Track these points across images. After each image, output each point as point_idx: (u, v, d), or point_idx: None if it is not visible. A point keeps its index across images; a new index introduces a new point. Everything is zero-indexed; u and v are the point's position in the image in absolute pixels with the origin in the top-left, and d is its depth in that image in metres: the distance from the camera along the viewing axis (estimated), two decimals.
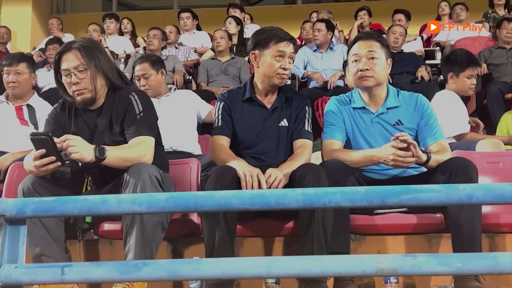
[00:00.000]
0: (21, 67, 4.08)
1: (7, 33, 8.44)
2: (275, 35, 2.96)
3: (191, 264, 1.67)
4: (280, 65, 2.94)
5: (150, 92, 4.15)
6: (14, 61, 4.10)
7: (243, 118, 3.02)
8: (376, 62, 2.96)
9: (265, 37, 2.97)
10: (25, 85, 4.11)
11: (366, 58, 2.96)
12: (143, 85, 4.21)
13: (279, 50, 2.94)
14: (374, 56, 2.96)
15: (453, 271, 1.62)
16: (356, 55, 3.00)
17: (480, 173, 2.79)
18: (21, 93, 4.10)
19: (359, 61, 2.98)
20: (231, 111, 3.03)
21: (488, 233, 2.98)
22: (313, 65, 6.33)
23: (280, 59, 2.95)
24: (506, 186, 1.66)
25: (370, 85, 2.98)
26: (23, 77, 4.09)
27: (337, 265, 1.63)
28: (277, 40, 2.95)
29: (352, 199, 1.70)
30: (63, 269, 1.63)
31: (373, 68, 2.96)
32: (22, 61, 4.13)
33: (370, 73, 2.96)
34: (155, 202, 1.70)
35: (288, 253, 3.00)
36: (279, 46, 2.94)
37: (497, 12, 7.88)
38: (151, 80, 4.21)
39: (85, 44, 2.82)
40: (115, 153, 2.63)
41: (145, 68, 4.23)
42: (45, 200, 1.75)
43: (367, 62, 2.96)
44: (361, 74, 2.97)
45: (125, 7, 11.63)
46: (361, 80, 2.99)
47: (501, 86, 5.66)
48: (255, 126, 3.01)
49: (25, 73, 4.09)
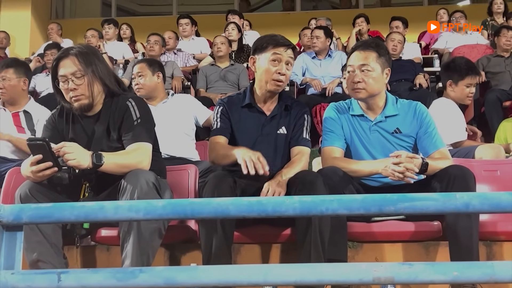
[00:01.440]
0: (7, 73, 4.09)
1: (6, 38, 8.45)
2: (273, 40, 2.98)
3: (187, 271, 1.67)
4: (276, 70, 2.94)
5: (142, 92, 4.16)
6: (0, 67, 4.12)
7: (241, 123, 3.03)
8: (369, 74, 2.96)
9: (263, 42, 3.00)
10: (12, 91, 4.10)
11: (359, 70, 2.97)
12: (136, 83, 4.22)
13: (275, 53, 2.94)
14: (367, 69, 2.96)
15: (450, 280, 1.62)
16: (351, 66, 3.00)
17: (478, 181, 2.79)
18: (10, 99, 4.10)
19: (353, 72, 2.98)
20: (230, 116, 3.03)
21: (485, 241, 2.98)
22: (311, 72, 6.35)
23: (276, 63, 2.95)
24: (503, 195, 1.66)
25: (362, 97, 2.99)
26: (10, 83, 4.08)
27: (334, 273, 1.63)
28: (274, 45, 2.96)
29: (349, 207, 1.70)
30: (59, 275, 1.62)
31: (366, 80, 2.95)
32: (9, 67, 4.13)
33: (361, 85, 2.96)
34: (152, 209, 1.70)
35: (285, 260, 3.00)
36: (275, 50, 2.95)
37: (496, 20, 7.91)
38: (145, 80, 4.21)
39: (83, 51, 2.83)
40: (113, 159, 2.64)
41: (142, 67, 4.24)
42: (42, 206, 1.75)
43: (360, 74, 2.96)
44: (353, 85, 2.98)
45: (124, 13, 11.66)
46: (353, 92, 3.00)
47: (499, 94, 5.67)
48: (253, 133, 3.01)
49: (12, 78, 4.09)
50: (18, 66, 4.20)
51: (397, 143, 2.99)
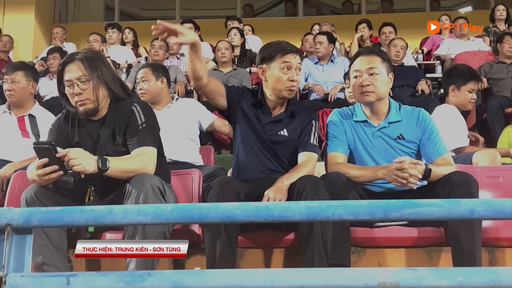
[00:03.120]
0: (17, 75, 4.10)
1: (10, 42, 8.48)
2: (280, 48, 3.00)
3: (194, 275, 1.68)
4: (288, 77, 2.97)
5: (146, 96, 4.18)
6: (10, 70, 4.14)
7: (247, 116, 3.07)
8: (377, 78, 2.99)
9: (271, 51, 3.01)
10: (21, 94, 4.11)
11: (367, 74, 2.99)
12: (140, 88, 4.24)
13: (285, 62, 2.97)
14: (375, 72, 2.99)
15: (455, 286, 1.63)
16: (357, 71, 3.03)
17: (481, 187, 2.79)
18: (18, 102, 4.11)
19: (360, 76, 3.01)
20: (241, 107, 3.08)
21: (488, 247, 2.99)
22: (314, 77, 6.36)
23: (287, 71, 2.98)
24: (507, 201, 1.67)
25: (372, 100, 3.01)
26: (19, 85, 4.09)
27: (340, 278, 1.64)
28: (282, 53, 2.98)
29: (355, 213, 1.72)
30: (68, 278, 1.64)
31: (374, 83, 2.98)
32: (19, 70, 4.14)
33: (371, 88, 2.98)
34: (161, 213, 1.72)
35: (288, 264, 3.01)
36: (285, 58, 2.97)
37: (498, 27, 7.93)
38: (149, 85, 4.23)
39: (88, 56, 2.85)
40: (118, 164, 2.65)
41: (146, 72, 4.27)
42: (51, 210, 1.76)
43: (368, 78, 2.99)
44: (362, 89, 3.00)
45: (127, 17, 11.69)
46: (362, 96, 3.02)
47: (501, 100, 5.68)
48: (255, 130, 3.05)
49: (21, 81, 4.10)
50: (28, 70, 4.22)
51: (400, 149, 3.01)
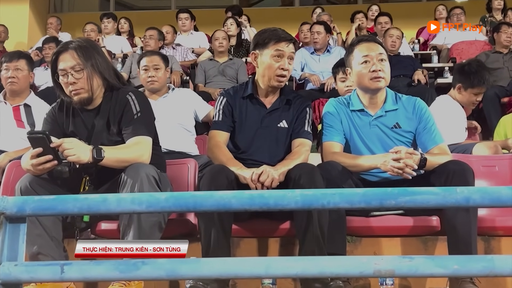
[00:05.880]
0: (20, 63, 4.11)
1: (4, 32, 8.44)
2: (274, 35, 2.98)
3: (189, 263, 1.68)
4: (279, 65, 2.95)
5: (157, 84, 4.17)
6: (14, 57, 4.14)
7: (241, 115, 3.03)
8: (385, 64, 2.98)
9: (264, 37, 2.99)
10: (23, 82, 4.12)
11: (377, 60, 2.96)
12: (152, 75, 4.18)
13: (278, 50, 2.94)
14: (383, 58, 2.97)
15: (450, 273, 1.64)
16: (368, 56, 2.97)
17: (477, 176, 2.80)
18: (19, 90, 4.10)
19: (370, 62, 2.97)
20: (232, 108, 3.03)
21: (483, 236, 3.00)
22: (310, 67, 6.34)
23: (278, 59, 2.95)
24: (503, 189, 1.67)
25: (382, 86, 2.99)
26: (23, 73, 4.11)
27: (335, 266, 1.64)
28: (276, 40, 2.95)
29: (351, 201, 1.72)
30: (62, 267, 1.63)
31: (384, 69, 2.96)
32: (22, 58, 4.16)
33: (382, 74, 2.95)
34: (155, 202, 1.71)
35: (283, 254, 3.01)
36: (277, 46, 2.95)
37: (494, 17, 7.91)
38: (161, 73, 4.22)
39: (82, 44, 2.83)
40: (113, 153, 2.64)
41: (156, 60, 4.24)
42: (45, 198, 1.75)
43: (378, 63, 2.96)
44: (374, 74, 2.95)
45: (123, 7, 11.63)
46: (373, 81, 2.97)
47: (497, 90, 5.67)
48: (252, 125, 3.02)
49: (24, 69, 4.12)
50: (29, 59, 4.27)
51: (396, 138, 3.00)
